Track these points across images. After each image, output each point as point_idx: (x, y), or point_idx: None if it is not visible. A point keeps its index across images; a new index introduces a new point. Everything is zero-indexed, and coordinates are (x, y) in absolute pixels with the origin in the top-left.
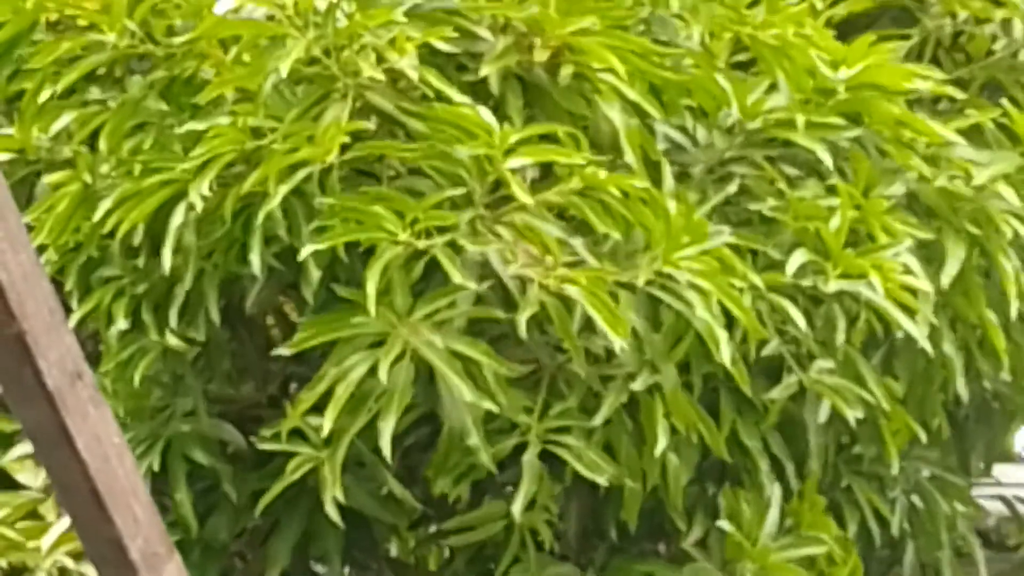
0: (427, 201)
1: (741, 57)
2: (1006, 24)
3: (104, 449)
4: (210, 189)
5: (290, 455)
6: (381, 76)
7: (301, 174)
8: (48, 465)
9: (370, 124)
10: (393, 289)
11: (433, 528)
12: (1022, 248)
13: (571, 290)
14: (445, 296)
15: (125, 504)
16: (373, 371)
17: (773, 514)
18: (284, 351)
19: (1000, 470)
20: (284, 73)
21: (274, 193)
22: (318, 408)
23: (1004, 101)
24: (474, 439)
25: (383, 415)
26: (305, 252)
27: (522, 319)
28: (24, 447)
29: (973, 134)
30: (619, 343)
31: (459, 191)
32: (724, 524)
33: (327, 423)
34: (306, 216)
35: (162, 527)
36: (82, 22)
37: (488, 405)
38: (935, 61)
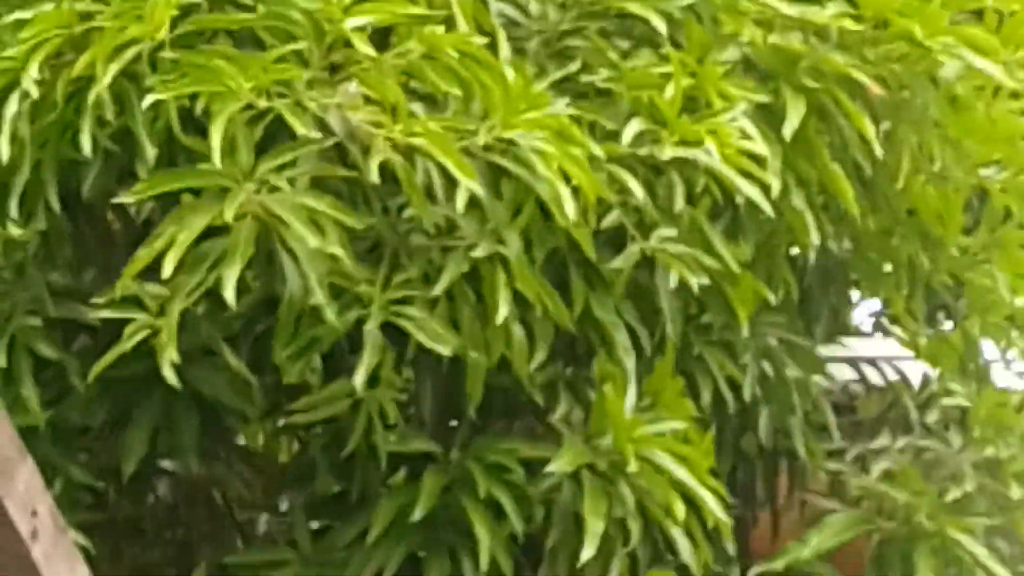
0: (266, 57)
1: None
2: None
3: None
4: (40, 74)
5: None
6: None
7: (130, 52)
8: None
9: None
10: (237, 147)
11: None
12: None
13: (417, 141)
14: (290, 151)
15: None
16: (213, 231)
17: (632, 390)
18: (126, 199)
19: (847, 342)
20: None
21: (103, 74)
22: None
23: None
24: (318, 297)
25: (226, 264)
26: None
27: (373, 165)
28: None
29: None
30: (466, 191)
31: (298, 46)
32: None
33: (166, 269)
34: (139, 97)
35: (12, 431)
36: None
37: (335, 250)
38: None
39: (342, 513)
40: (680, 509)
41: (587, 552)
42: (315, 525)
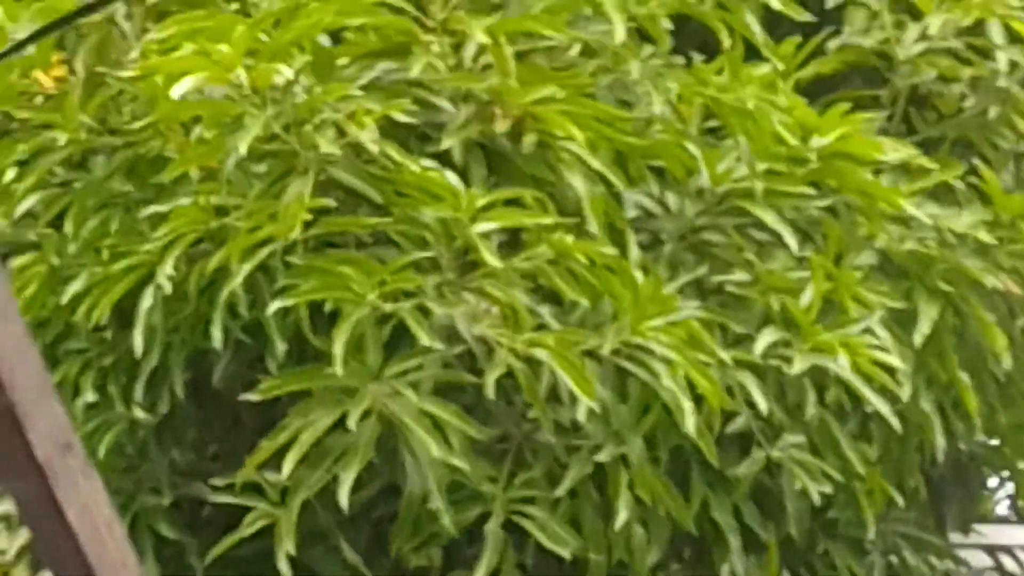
0: (394, 264)
1: (714, 123)
2: (975, 81)
3: (94, 520)
4: (175, 268)
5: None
6: (338, 151)
7: (264, 251)
8: (37, 536)
9: (331, 201)
10: (365, 347)
11: None
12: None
13: (539, 353)
14: (414, 357)
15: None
16: (337, 425)
17: None
18: (252, 397)
19: (984, 529)
20: (243, 151)
21: (237, 272)
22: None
23: (975, 160)
24: (436, 502)
25: (345, 466)
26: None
27: (490, 379)
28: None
29: (942, 192)
30: (586, 404)
31: (426, 254)
32: None
33: (287, 467)
34: (271, 292)
35: None
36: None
37: (456, 462)
38: (906, 119)
39: None
40: None
41: None
42: None
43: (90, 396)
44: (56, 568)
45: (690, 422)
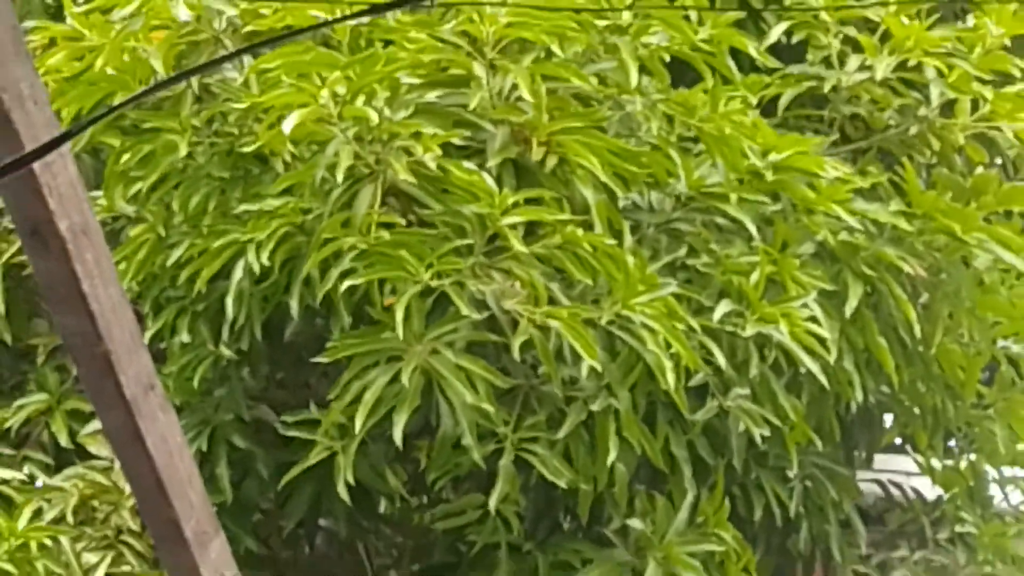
0: (441, 249)
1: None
2: (903, 108)
3: (169, 447)
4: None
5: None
6: (411, 177)
7: (341, 262)
8: (122, 459)
9: (400, 219)
10: (411, 316)
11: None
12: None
13: (553, 323)
14: (452, 322)
15: (183, 492)
16: (391, 380)
17: (683, 515)
18: (321, 359)
19: (879, 459)
20: (340, 179)
21: (320, 280)
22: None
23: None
24: (468, 439)
25: (398, 412)
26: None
27: (516, 344)
28: (96, 424)
29: (869, 192)
30: (591, 364)
31: (466, 241)
32: (635, 522)
33: (359, 423)
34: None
35: (211, 510)
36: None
37: (486, 406)
38: (843, 130)
39: None
40: None
41: None
42: None
43: (185, 336)
44: (136, 483)
45: (670, 378)
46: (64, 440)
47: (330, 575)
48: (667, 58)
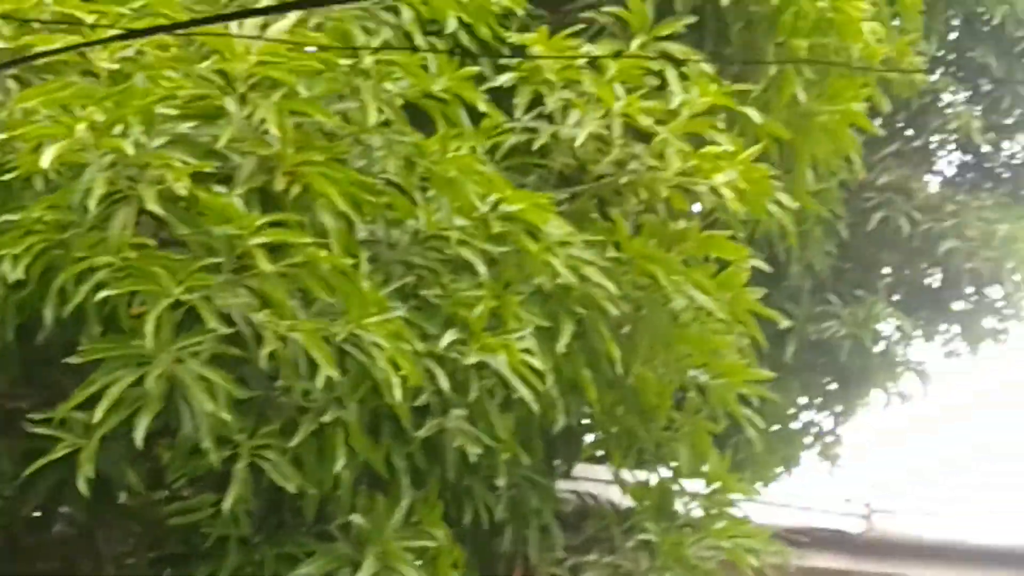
0: (191, 266)
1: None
2: (620, 162)
3: None
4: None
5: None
6: (160, 211)
7: (95, 277)
8: None
9: (151, 241)
10: (161, 327)
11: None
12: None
13: (297, 336)
14: (199, 335)
15: None
16: (135, 383)
17: (399, 514)
18: (74, 360)
19: (581, 468)
20: (93, 206)
21: (74, 293)
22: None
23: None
24: (207, 443)
25: (140, 414)
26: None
27: (263, 354)
28: None
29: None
30: (326, 376)
31: (215, 260)
32: (356, 518)
33: (98, 415)
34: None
35: None
36: None
37: (224, 415)
38: (562, 175)
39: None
40: None
41: None
42: None
43: None
44: None
45: (398, 394)
46: None
47: (70, 560)
48: (403, 103)
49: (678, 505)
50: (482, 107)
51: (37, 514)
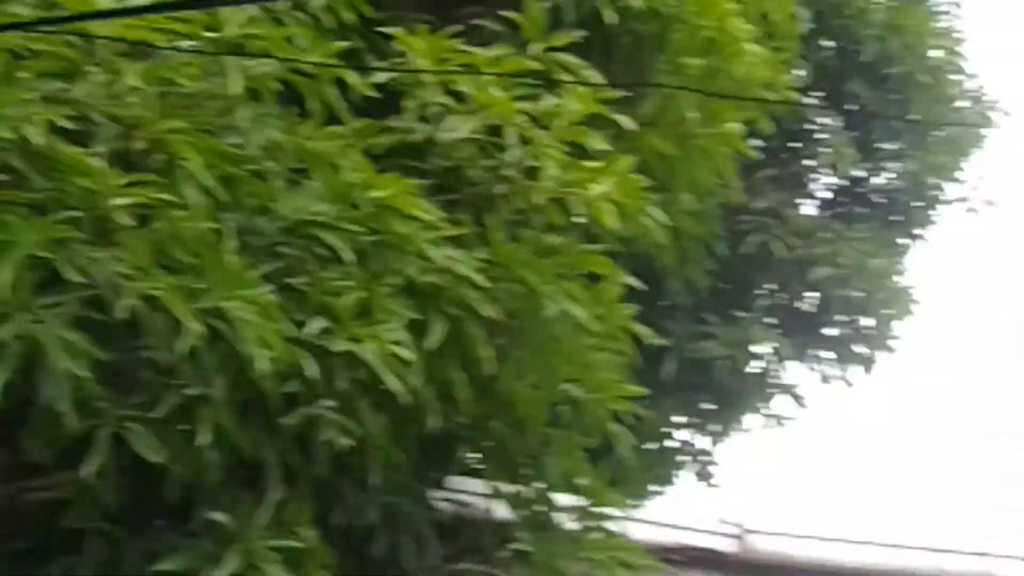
0: (51, 219)
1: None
2: (490, 168)
3: None
4: None
5: None
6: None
7: None
8: None
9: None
10: (20, 285)
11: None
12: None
13: (158, 293)
14: (60, 294)
15: None
16: None
17: (265, 512)
18: None
19: (460, 481)
20: None
21: None
22: None
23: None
24: (64, 405)
25: None
26: None
27: (119, 310)
28: None
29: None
30: (189, 338)
31: (73, 214)
32: (218, 515)
33: None
34: None
35: None
36: None
37: (80, 372)
38: (439, 180)
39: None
40: None
41: None
42: None
43: None
44: None
45: (262, 366)
46: None
47: None
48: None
49: (554, 518)
50: (352, 82)
51: None
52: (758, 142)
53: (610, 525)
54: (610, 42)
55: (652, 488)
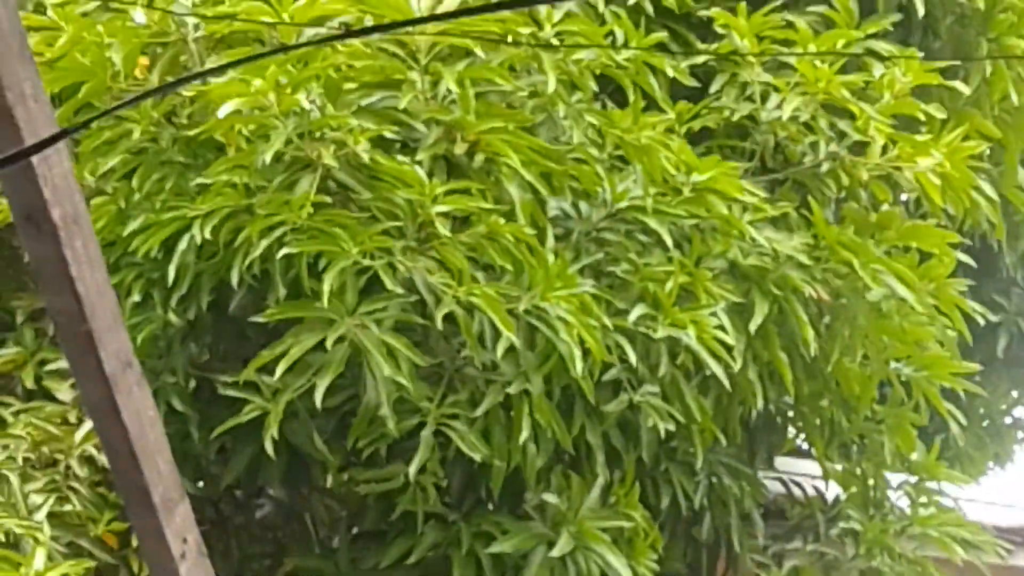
0: (372, 229)
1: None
2: (813, 145)
3: (142, 420)
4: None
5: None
6: (335, 163)
7: (279, 231)
8: (99, 429)
9: (327, 199)
10: (345, 290)
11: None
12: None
13: (475, 300)
14: (381, 301)
15: (152, 461)
16: (318, 346)
17: (595, 493)
18: (259, 319)
19: (783, 462)
20: (268, 160)
21: (256, 247)
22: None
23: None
24: (385, 410)
25: (321, 375)
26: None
27: (439, 316)
28: (58, 365)
29: (781, 219)
30: (506, 341)
31: (395, 224)
32: (550, 497)
33: (279, 371)
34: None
35: (178, 478)
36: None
37: (402, 380)
38: (762, 159)
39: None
40: None
41: None
42: None
43: (137, 297)
44: (110, 452)
45: (579, 367)
46: (30, 383)
47: (276, 540)
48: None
49: (885, 496)
50: (671, 73)
51: (239, 493)
52: None
53: (945, 502)
54: (932, 21)
55: (989, 466)
